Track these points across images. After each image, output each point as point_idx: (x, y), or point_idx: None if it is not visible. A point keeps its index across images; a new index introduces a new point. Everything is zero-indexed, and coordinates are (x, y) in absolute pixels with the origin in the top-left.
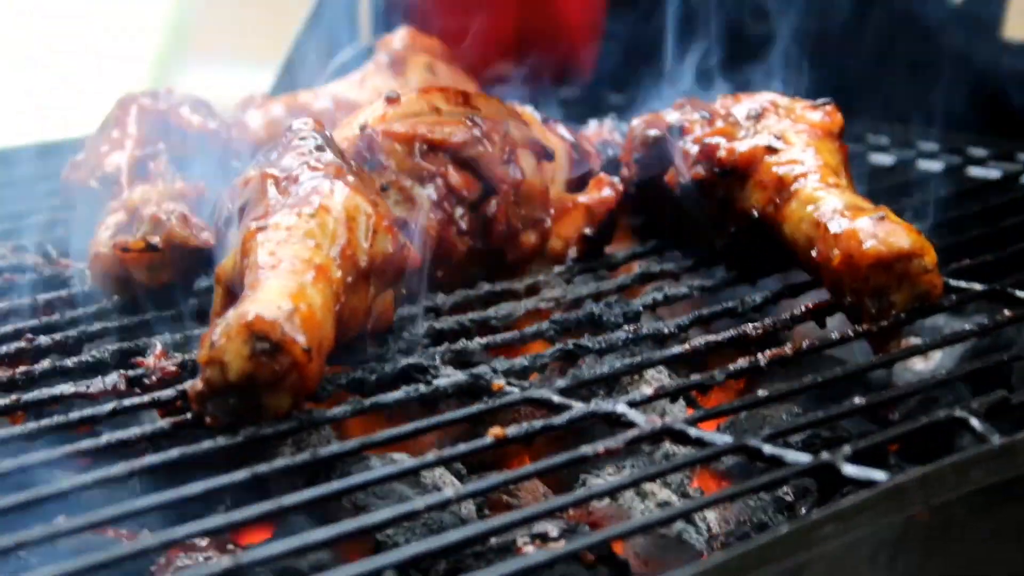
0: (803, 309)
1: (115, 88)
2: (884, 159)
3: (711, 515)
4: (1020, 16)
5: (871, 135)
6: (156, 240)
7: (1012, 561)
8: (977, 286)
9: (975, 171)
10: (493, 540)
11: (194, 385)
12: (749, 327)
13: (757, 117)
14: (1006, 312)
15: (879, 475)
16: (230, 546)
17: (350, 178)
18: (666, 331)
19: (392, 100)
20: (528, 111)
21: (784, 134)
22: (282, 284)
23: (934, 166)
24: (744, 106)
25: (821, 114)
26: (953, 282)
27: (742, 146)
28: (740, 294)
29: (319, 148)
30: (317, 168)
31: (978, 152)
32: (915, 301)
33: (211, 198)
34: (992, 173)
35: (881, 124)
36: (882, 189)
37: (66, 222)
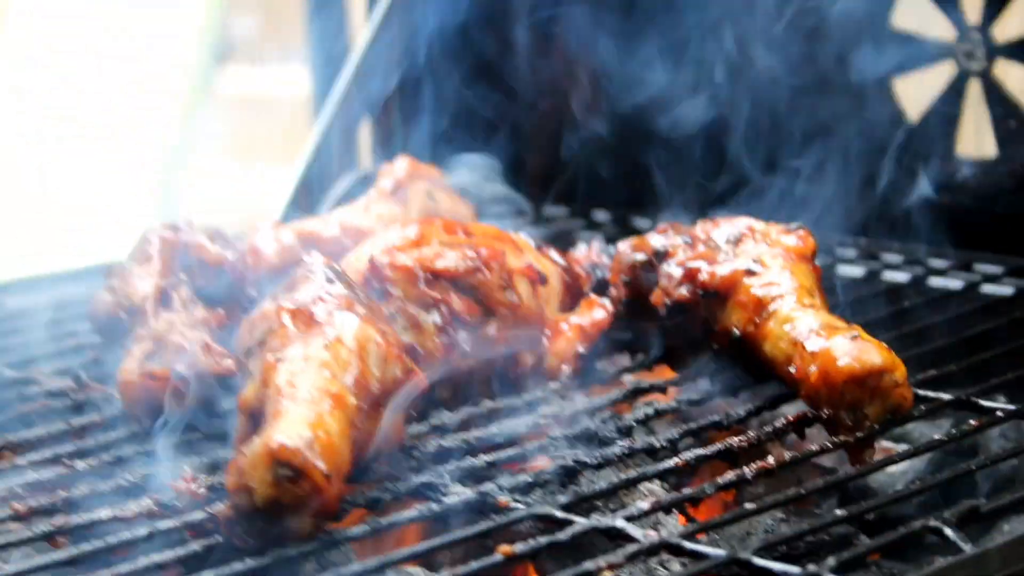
0: (784, 422)
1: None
2: (853, 271)
3: None
4: (973, 135)
5: (839, 248)
6: (181, 368)
7: None
8: (944, 396)
9: (936, 281)
10: None
11: (223, 510)
12: (735, 440)
13: (736, 241)
14: (971, 422)
15: None
16: None
17: (360, 309)
18: (657, 445)
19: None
20: (522, 237)
21: (761, 258)
22: (302, 413)
23: (899, 276)
24: (723, 231)
25: (795, 238)
26: (922, 392)
27: (723, 270)
28: (724, 408)
29: (330, 281)
30: (329, 301)
31: (938, 263)
32: (888, 413)
33: (231, 325)
34: (953, 283)
35: (846, 237)
36: (850, 301)
37: (93, 347)
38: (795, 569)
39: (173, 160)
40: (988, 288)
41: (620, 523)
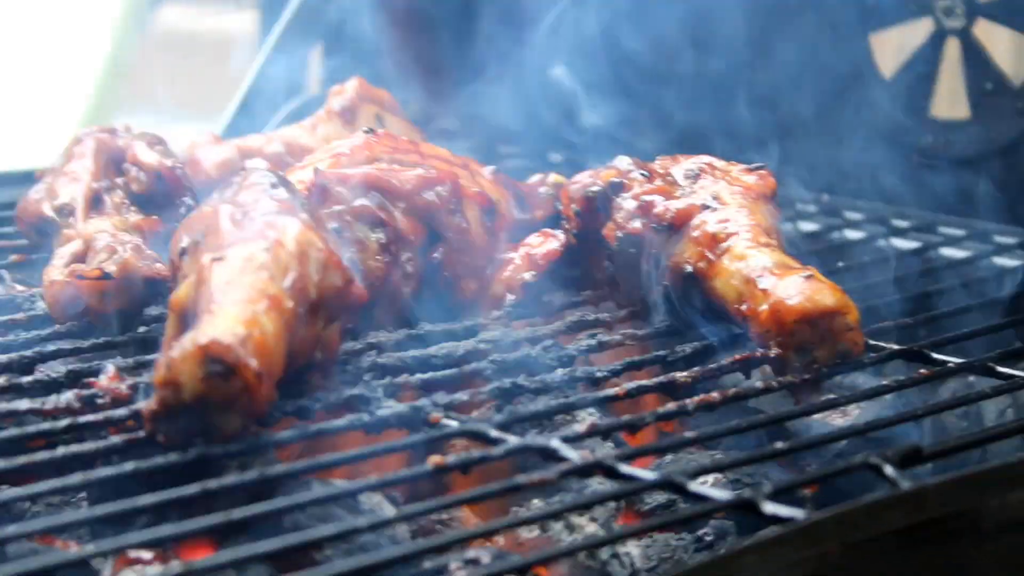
0: (730, 360)
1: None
2: (810, 226)
3: (635, 551)
4: (946, 98)
5: (799, 203)
6: (111, 269)
7: None
8: (895, 346)
9: (897, 241)
10: (427, 564)
11: (148, 405)
12: (678, 374)
13: (694, 177)
14: (922, 371)
15: (797, 513)
16: (174, 561)
17: (303, 215)
18: (599, 375)
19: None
20: (476, 163)
21: (719, 194)
22: (236, 311)
23: (855, 235)
24: (682, 167)
25: (756, 177)
26: (873, 342)
27: (678, 204)
28: (671, 344)
29: (274, 186)
30: (271, 204)
31: (900, 223)
32: (837, 357)
33: (166, 233)
34: (912, 244)
35: (808, 193)
36: (807, 253)
37: (21, 250)
38: (728, 494)
39: (107, 73)
40: (946, 251)
41: (555, 443)
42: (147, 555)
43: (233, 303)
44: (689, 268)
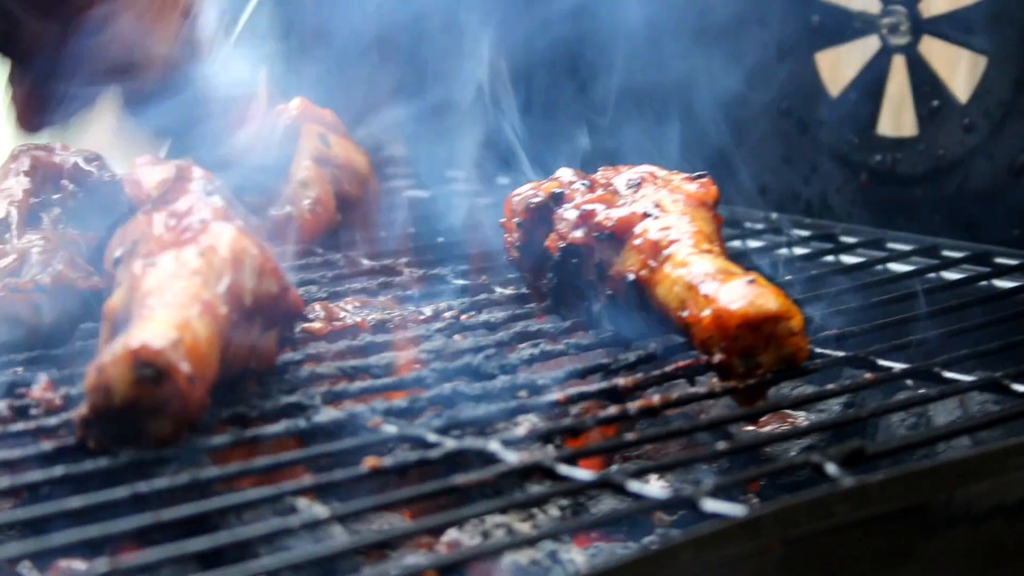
0: (674, 367)
1: None
2: (756, 243)
3: (578, 557)
4: (892, 115)
5: (747, 222)
6: (44, 280)
7: None
8: (841, 353)
9: (844, 257)
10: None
11: (79, 411)
12: (620, 380)
13: (636, 187)
14: (867, 376)
15: (737, 510)
16: (100, 559)
17: (238, 221)
18: (541, 383)
19: None
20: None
21: (661, 202)
22: (168, 315)
23: (803, 250)
24: (624, 176)
25: (697, 185)
26: (819, 350)
27: (619, 212)
28: (615, 354)
29: (209, 193)
30: (205, 211)
31: (848, 239)
32: (782, 363)
33: (102, 248)
34: (858, 259)
35: (756, 212)
36: (755, 268)
37: None
38: (667, 492)
39: None
40: (894, 265)
41: (494, 446)
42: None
43: (165, 307)
44: (632, 276)
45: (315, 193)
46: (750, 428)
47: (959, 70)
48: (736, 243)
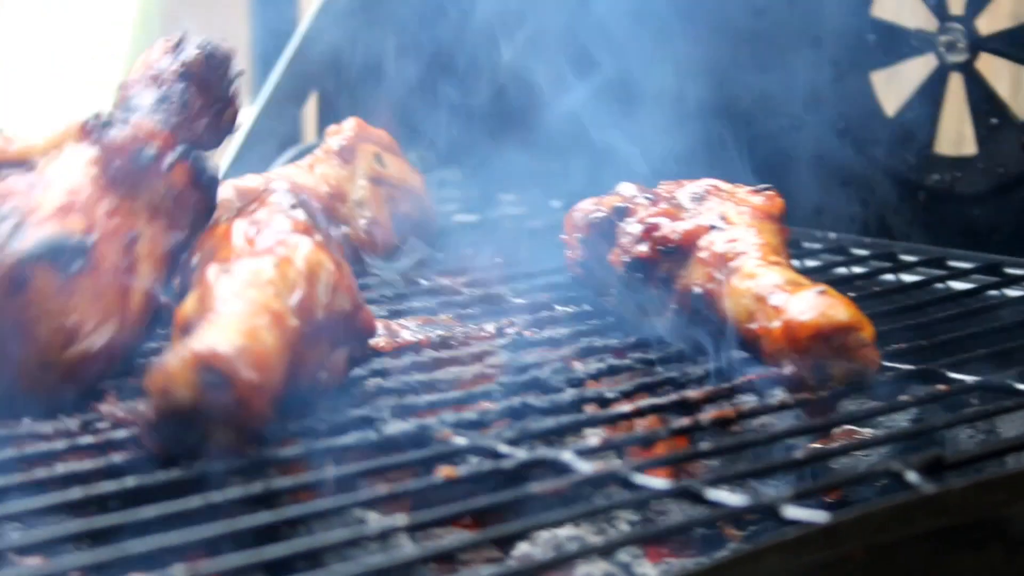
0: (744, 379)
1: None
2: (813, 263)
3: (652, 572)
4: (950, 134)
5: (805, 242)
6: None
7: None
8: (910, 367)
9: (905, 276)
10: None
11: (144, 413)
12: (690, 393)
13: (700, 200)
14: (939, 387)
15: (819, 516)
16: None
17: (317, 236)
18: (609, 395)
19: None
20: None
21: (726, 215)
22: (237, 323)
23: (860, 269)
24: (687, 190)
25: (762, 198)
26: (889, 363)
27: (685, 225)
28: (681, 368)
29: (293, 207)
30: (286, 223)
31: (908, 258)
32: (853, 375)
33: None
34: (918, 277)
35: (813, 231)
36: None
37: None
38: (746, 499)
39: None
40: (955, 283)
41: (567, 456)
42: None
43: (234, 315)
44: (698, 289)
45: (371, 213)
46: (816, 445)
47: (1018, 87)
48: (794, 263)
